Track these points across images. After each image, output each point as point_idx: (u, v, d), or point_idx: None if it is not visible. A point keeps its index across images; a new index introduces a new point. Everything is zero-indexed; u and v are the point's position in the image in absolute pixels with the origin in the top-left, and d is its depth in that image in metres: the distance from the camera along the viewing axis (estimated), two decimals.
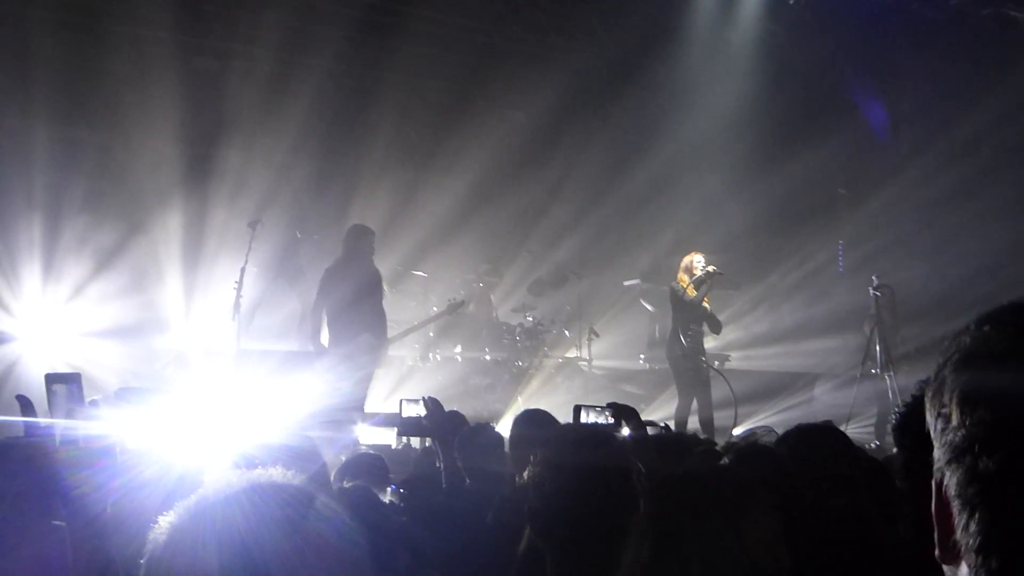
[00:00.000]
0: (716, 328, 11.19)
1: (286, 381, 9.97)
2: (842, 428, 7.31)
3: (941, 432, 1.05)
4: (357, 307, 10.41)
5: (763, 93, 14.98)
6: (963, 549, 1.01)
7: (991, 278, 13.29)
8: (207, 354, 10.99)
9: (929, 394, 1.09)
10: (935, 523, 1.06)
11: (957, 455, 1.02)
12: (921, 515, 1.13)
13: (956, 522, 1.02)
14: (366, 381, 10.37)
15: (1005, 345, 1.02)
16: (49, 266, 11.81)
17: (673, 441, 4.43)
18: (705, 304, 10.91)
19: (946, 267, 14.25)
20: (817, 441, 3.32)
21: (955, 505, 1.02)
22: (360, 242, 10.78)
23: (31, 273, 11.70)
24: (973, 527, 1.00)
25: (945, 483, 1.04)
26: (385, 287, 11.38)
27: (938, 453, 1.05)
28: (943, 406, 1.05)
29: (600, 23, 14.92)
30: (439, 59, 14.07)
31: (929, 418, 1.08)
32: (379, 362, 10.72)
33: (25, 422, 2.39)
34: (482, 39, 14.08)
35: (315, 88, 13.48)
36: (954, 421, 1.03)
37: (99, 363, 10.63)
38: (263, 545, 1.38)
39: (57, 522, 2.37)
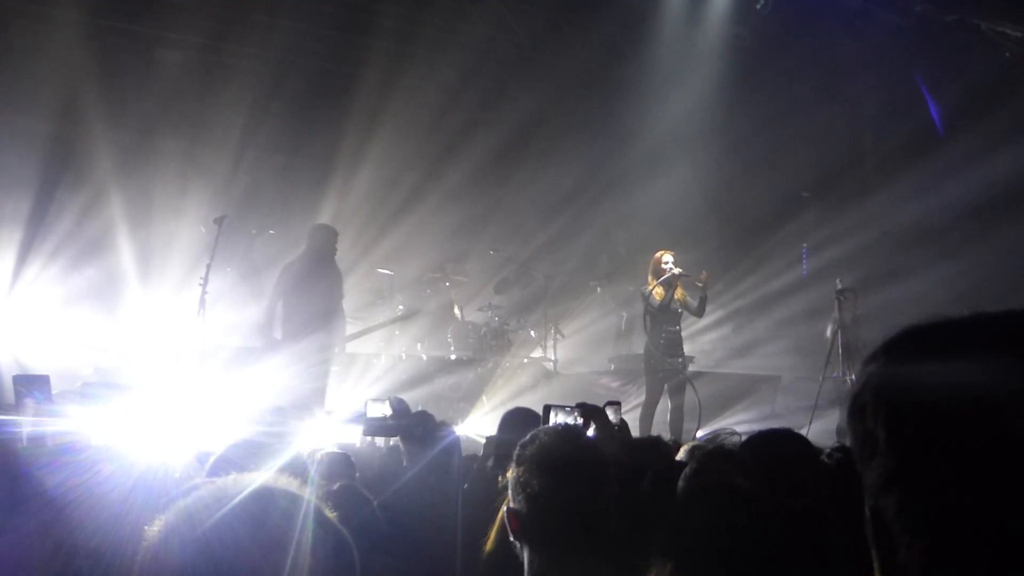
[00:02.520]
0: (698, 313, 11.23)
1: (243, 377, 9.94)
2: (804, 431, 7.39)
3: (870, 457, 1.06)
4: (314, 305, 10.40)
5: (729, 96, 15.08)
6: (907, 572, 1.02)
7: (953, 279, 13.46)
8: (171, 350, 10.91)
9: (852, 419, 1.10)
10: (874, 547, 1.07)
11: (891, 480, 1.03)
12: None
13: (897, 546, 1.03)
14: (320, 379, 10.31)
15: (923, 370, 1.04)
16: (5, 261, 11.70)
17: (642, 443, 4.46)
18: (678, 296, 10.95)
19: (908, 270, 14.40)
20: (780, 446, 3.36)
21: (895, 529, 1.03)
22: (323, 241, 10.78)
23: None
24: (916, 550, 1.01)
25: (881, 507, 1.05)
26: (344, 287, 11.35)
27: (870, 478, 1.06)
28: (869, 432, 1.06)
29: (568, 25, 14.94)
30: (406, 57, 14.04)
31: (853, 443, 1.10)
32: (333, 361, 10.67)
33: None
34: (450, 38, 14.08)
35: (280, 82, 13.44)
36: (883, 447, 1.04)
37: (61, 359, 10.51)
38: (226, 543, 1.38)
39: (23, 517, 2.37)
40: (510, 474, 2.85)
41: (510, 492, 2.81)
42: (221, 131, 12.94)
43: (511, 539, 2.80)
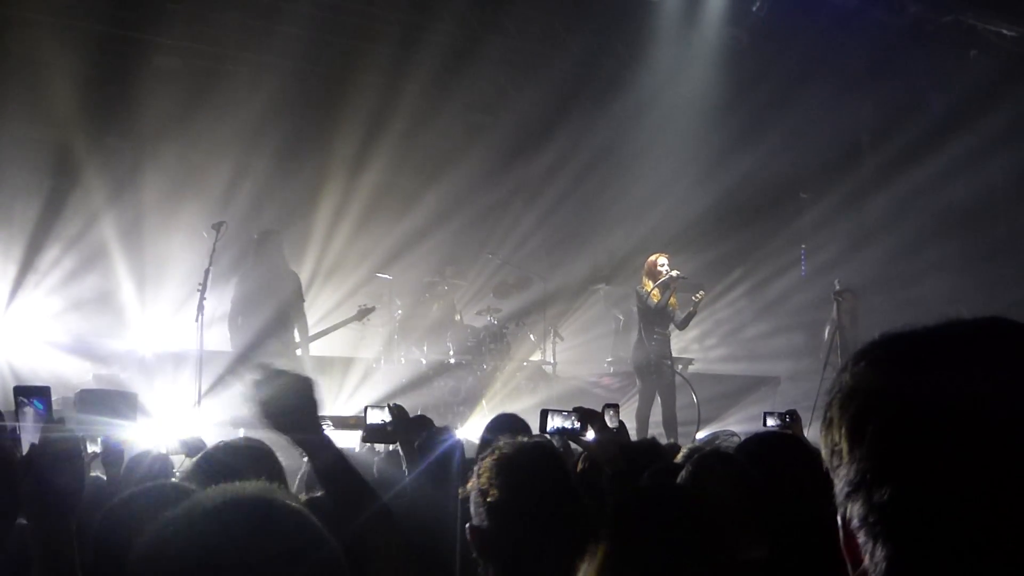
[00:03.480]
0: (681, 326, 11.28)
1: (237, 386, 9.96)
2: (804, 432, 7.39)
3: (836, 467, 1.10)
4: (263, 312, 10.47)
5: (726, 98, 15.09)
6: None
7: (951, 281, 13.49)
8: (169, 357, 10.92)
9: (821, 432, 1.14)
10: (845, 554, 1.11)
11: (854, 489, 1.07)
12: None
13: (863, 552, 1.07)
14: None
15: (882, 380, 1.08)
16: (6, 270, 11.73)
17: (640, 447, 4.48)
18: (672, 303, 11.00)
19: (907, 272, 14.42)
20: (776, 448, 3.37)
21: (859, 536, 1.07)
22: (266, 246, 10.85)
23: None
24: (879, 555, 1.05)
25: (848, 516, 1.09)
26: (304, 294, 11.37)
27: (837, 487, 1.10)
28: (835, 444, 1.11)
29: (564, 27, 14.95)
30: (404, 61, 14.06)
31: (824, 454, 1.14)
32: (288, 367, 10.60)
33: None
34: (447, 41, 14.09)
35: (279, 88, 13.44)
36: (846, 457, 1.09)
37: (58, 367, 10.51)
38: (222, 552, 1.39)
39: (22, 524, 2.38)
40: (469, 486, 2.74)
41: (471, 507, 2.69)
42: (221, 137, 12.94)
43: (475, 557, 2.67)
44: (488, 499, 2.62)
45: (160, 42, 13.21)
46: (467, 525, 2.68)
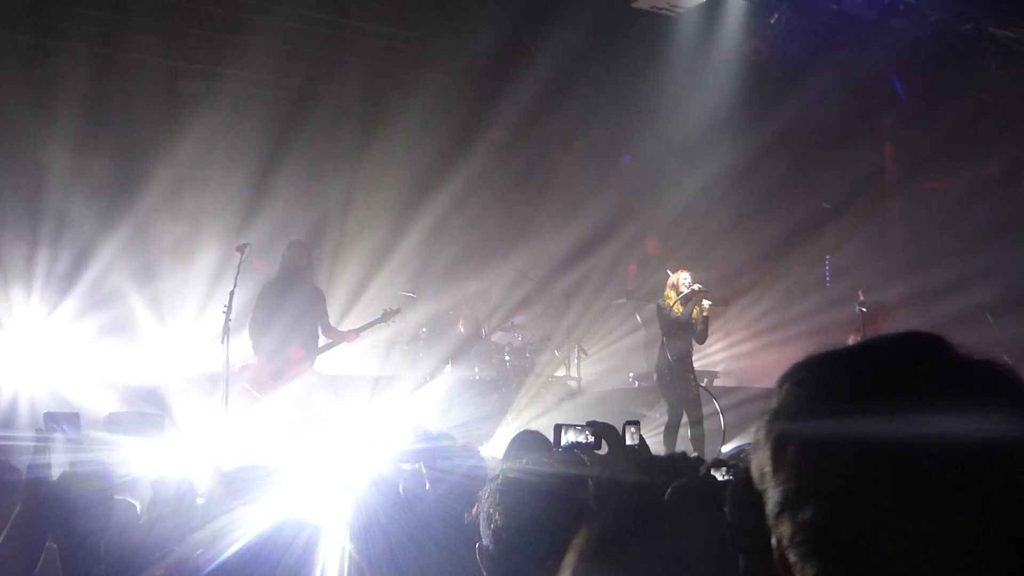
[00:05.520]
0: (700, 339, 11.25)
1: (266, 403, 10.03)
2: None
3: (765, 489, 1.13)
4: (291, 324, 10.52)
5: (746, 110, 15.08)
6: None
7: (972, 289, 13.40)
8: (197, 378, 10.99)
9: (753, 453, 1.16)
10: (777, 571, 1.12)
11: (780, 509, 1.10)
12: None
13: (795, 571, 1.08)
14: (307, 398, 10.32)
15: (801, 403, 1.12)
16: (33, 290, 11.85)
17: (663, 461, 4.47)
18: (695, 317, 10.98)
19: (932, 281, 14.34)
20: None
21: (789, 555, 1.09)
22: (291, 258, 10.91)
23: (17, 296, 11.74)
24: (808, 574, 1.07)
25: (779, 536, 1.10)
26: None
27: (768, 508, 1.12)
28: (762, 466, 1.13)
29: (583, 42, 15.00)
30: (424, 79, 14.14)
31: (755, 475, 1.16)
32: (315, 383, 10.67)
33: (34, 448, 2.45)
34: (470, 60, 14.17)
35: (301, 109, 13.55)
36: (770, 479, 1.11)
37: (85, 390, 10.60)
38: (249, 572, 1.41)
39: (52, 549, 2.42)
40: (475, 510, 2.77)
41: (480, 529, 2.72)
42: (247, 158, 13.06)
43: None
44: (492, 524, 2.65)
45: (184, 67, 13.37)
46: (476, 546, 2.70)
